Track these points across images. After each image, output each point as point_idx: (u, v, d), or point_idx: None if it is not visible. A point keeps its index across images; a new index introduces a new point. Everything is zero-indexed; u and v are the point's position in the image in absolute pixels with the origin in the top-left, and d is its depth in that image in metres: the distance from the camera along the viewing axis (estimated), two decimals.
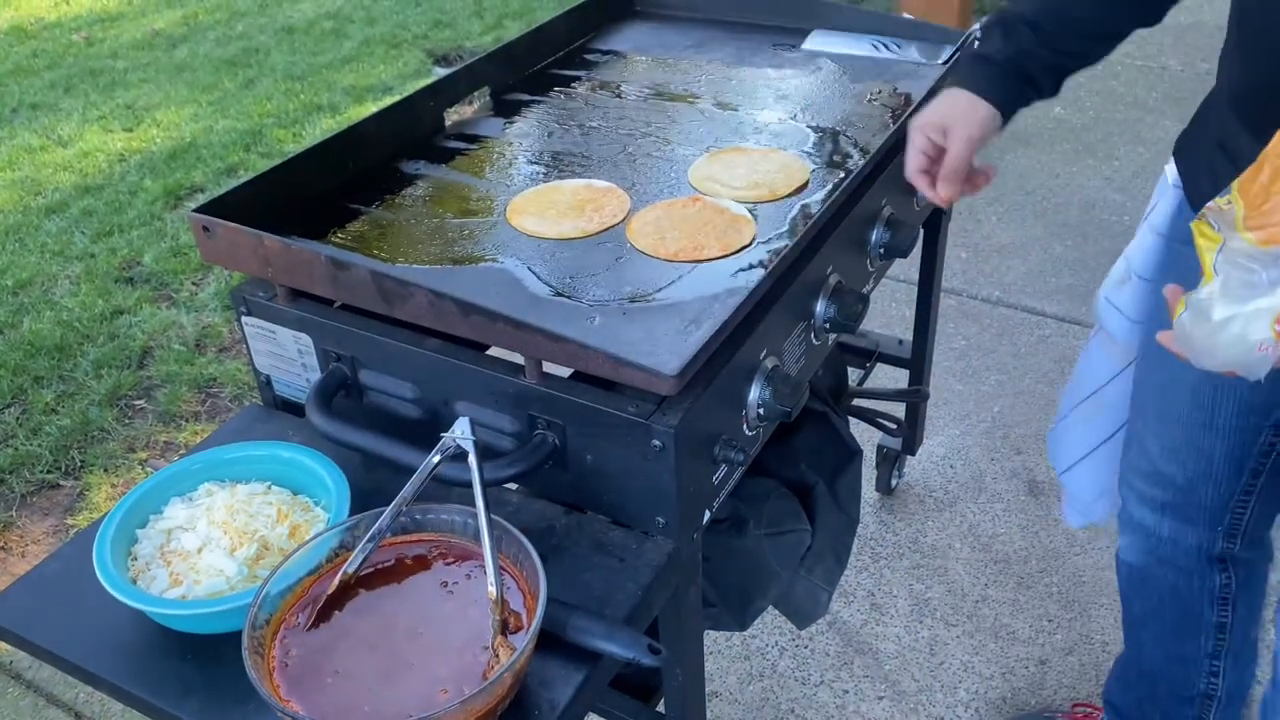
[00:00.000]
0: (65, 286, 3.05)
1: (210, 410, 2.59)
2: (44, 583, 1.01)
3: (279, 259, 1.08)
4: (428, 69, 4.49)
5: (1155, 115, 3.71)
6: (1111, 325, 1.29)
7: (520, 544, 0.88)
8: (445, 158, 1.39)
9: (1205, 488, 1.24)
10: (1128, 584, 1.40)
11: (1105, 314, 1.30)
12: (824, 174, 1.29)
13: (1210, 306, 0.79)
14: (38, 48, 4.95)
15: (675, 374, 0.92)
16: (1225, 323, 0.78)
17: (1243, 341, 0.78)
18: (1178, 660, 1.37)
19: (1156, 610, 1.37)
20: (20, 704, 1.88)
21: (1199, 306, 0.80)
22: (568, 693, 0.87)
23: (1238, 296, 0.77)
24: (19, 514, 2.30)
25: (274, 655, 0.84)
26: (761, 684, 1.84)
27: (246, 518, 0.98)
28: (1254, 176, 0.79)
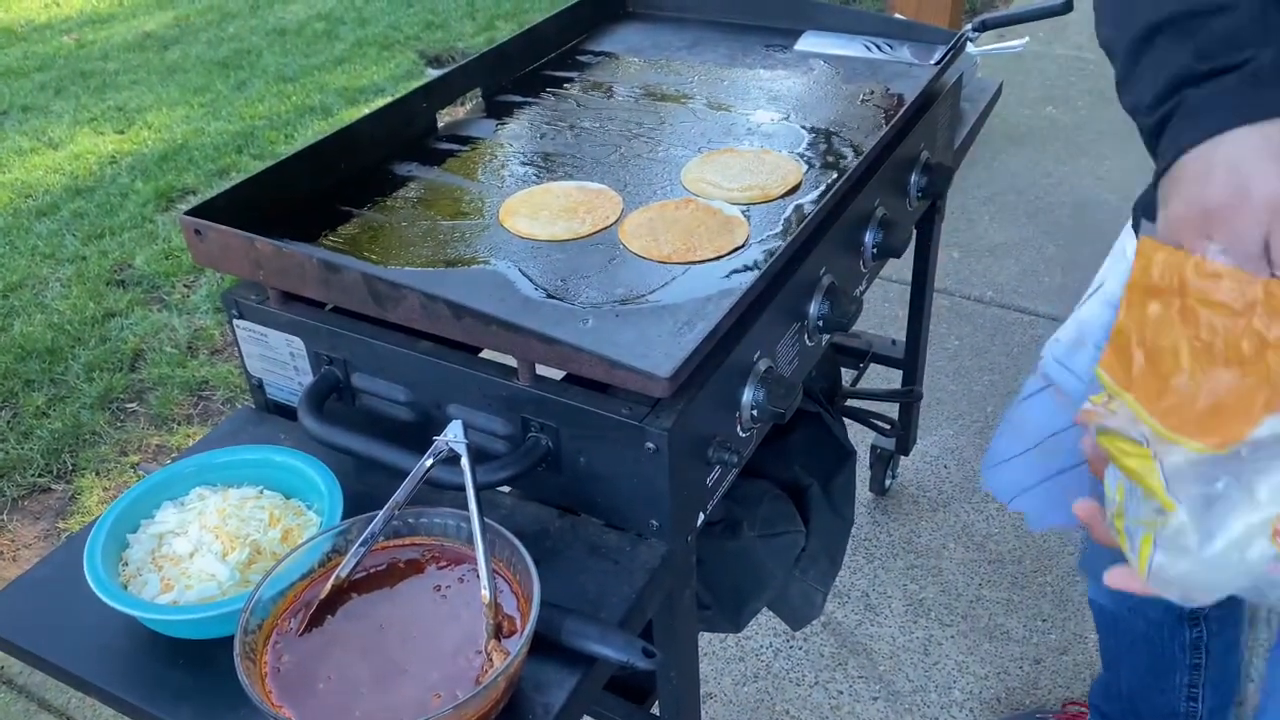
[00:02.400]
0: (56, 289, 3.04)
1: (202, 413, 2.59)
2: (35, 588, 1.01)
3: (270, 262, 1.07)
4: (420, 70, 4.48)
5: None
6: (1067, 386, 1.18)
7: (514, 547, 0.87)
8: (437, 159, 1.38)
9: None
10: (1100, 621, 1.38)
11: (1058, 375, 1.19)
12: (817, 175, 1.29)
13: (1185, 541, 0.62)
14: (28, 50, 4.93)
15: (669, 376, 0.92)
16: (1213, 555, 0.62)
17: (1243, 566, 0.62)
18: (1155, 689, 1.36)
19: (1130, 649, 1.35)
20: (12, 709, 1.87)
21: (1172, 544, 0.63)
22: (562, 696, 0.87)
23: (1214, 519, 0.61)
24: (10, 517, 2.29)
25: (266, 661, 0.83)
26: (756, 685, 1.84)
27: (238, 522, 0.97)
28: (1122, 361, 0.64)
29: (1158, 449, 0.62)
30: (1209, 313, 0.60)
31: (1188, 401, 0.60)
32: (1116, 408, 0.64)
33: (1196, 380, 0.60)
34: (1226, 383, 0.59)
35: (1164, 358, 0.61)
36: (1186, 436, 0.60)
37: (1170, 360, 0.61)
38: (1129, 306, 0.63)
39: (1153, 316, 0.62)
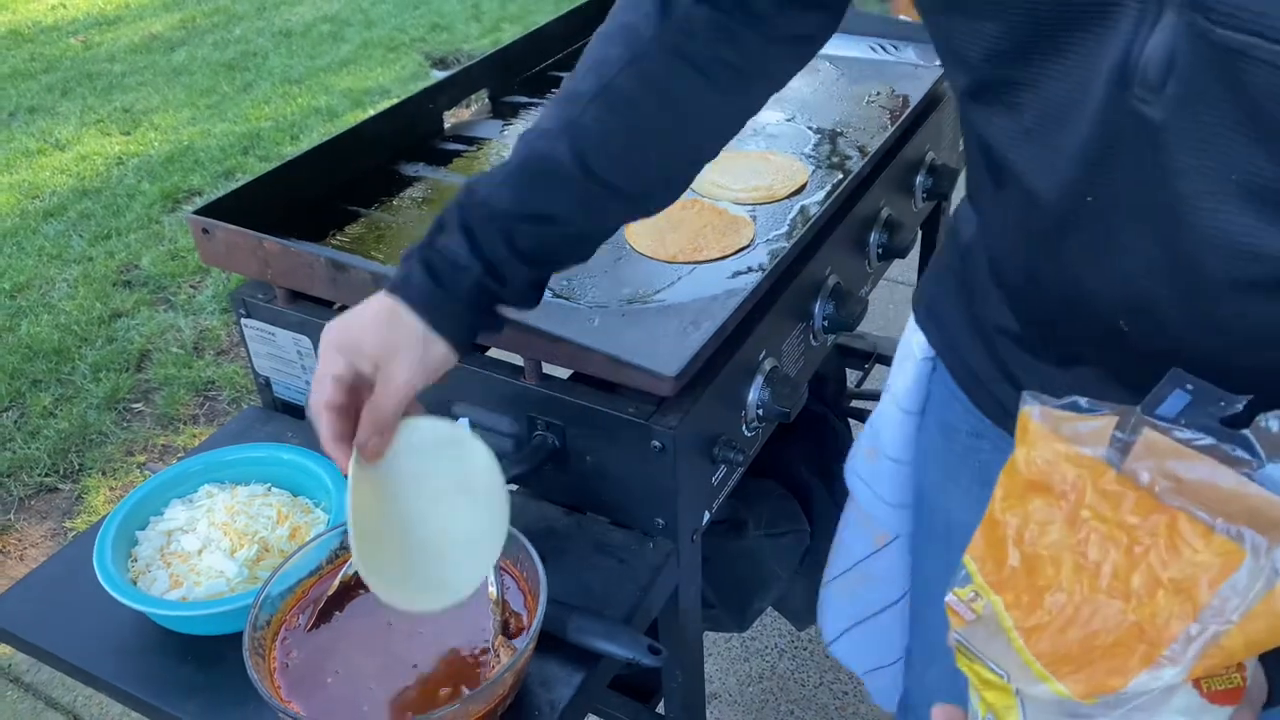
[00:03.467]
0: (63, 290, 3.05)
1: (208, 413, 2.60)
2: (45, 585, 1.01)
3: (278, 261, 1.08)
4: (425, 72, 4.49)
5: None
6: (863, 499, 1.08)
7: (521, 544, 0.88)
8: (444, 160, 1.39)
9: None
10: None
11: (855, 486, 1.09)
12: (823, 175, 1.29)
13: None
14: (35, 51, 4.94)
15: (675, 375, 0.92)
16: None
17: None
18: None
19: None
20: (19, 707, 1.88)
21: None
22: (568, 693, 0.87)
23: None
24: (17, 517, 2.30)
25: (275, 656, 0.84)
26: (761, 685, 1.84)
27: (247, 519, 0.98)
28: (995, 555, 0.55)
29: (1021, 684, 0.53)
30: (1103, 530, 0.51)
31: (1061, 628, 0.51)
32: (982, 609, 0.55)
33: (1074, 604, 0.51)
34: (1107, 618, 0.50)
35: (1042, 566, 0.53)
36: (1054, 676, 0.51)
37: (1049, 571, 0.52)
38: (1006, 496, 0.54)
39: (1035, 515, 0.53)
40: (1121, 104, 0.58)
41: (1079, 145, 0.61)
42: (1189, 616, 0.48)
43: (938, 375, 0.96)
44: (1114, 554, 0.51)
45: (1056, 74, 0.60)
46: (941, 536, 0.99)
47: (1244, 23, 0.51)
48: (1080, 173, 0.62)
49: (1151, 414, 0.52)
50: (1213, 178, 0.56)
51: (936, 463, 0.98)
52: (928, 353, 0.96)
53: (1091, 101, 0.59)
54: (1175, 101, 0.56)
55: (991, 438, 0.90)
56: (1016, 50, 0.61)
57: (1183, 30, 0.54)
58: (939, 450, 0.97)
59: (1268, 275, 0.58)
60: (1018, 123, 0.65)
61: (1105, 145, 0.60)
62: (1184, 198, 0.58)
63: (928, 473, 1.00)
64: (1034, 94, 0.62)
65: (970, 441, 0.93)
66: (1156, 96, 0.56)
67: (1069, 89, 0.60)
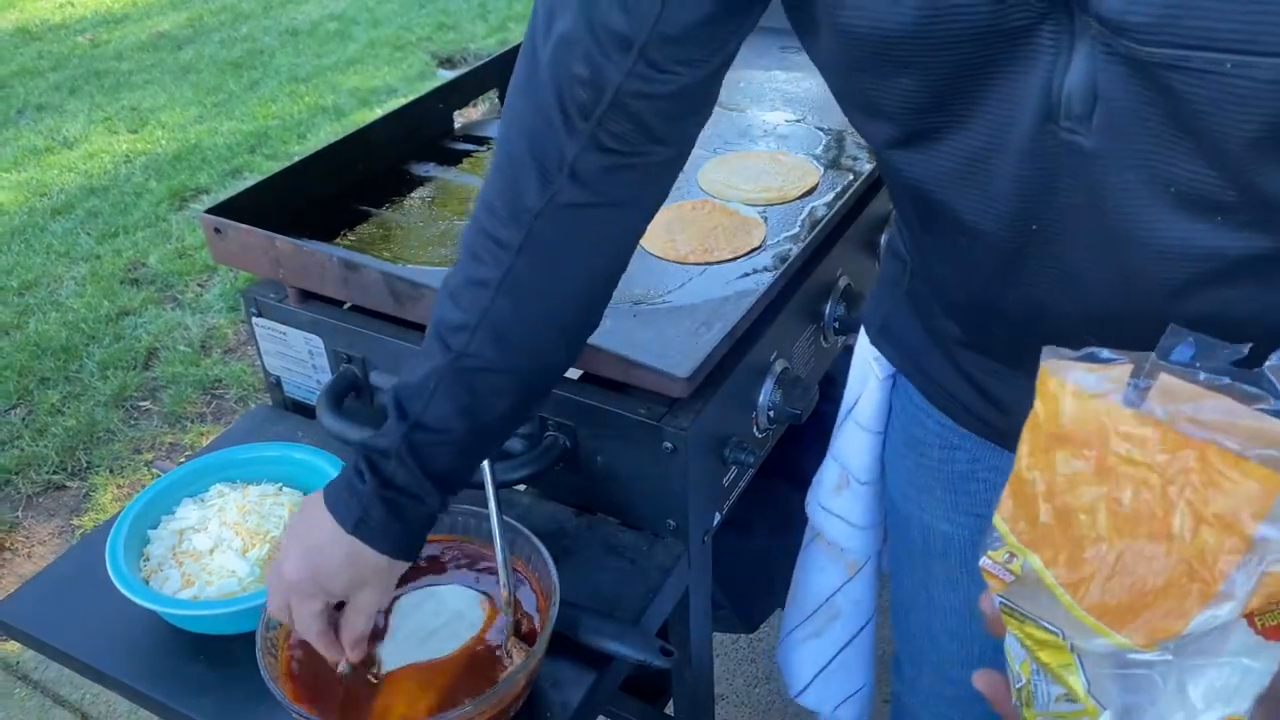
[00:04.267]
0: (71, 288, 3.06)
1: (215, 412, 2.60)
2: (56, 583, 1.01)
3: (290, 260, 1.08)
4: (432, 71, 4.49)
5: None
6: (834, 533, 1.09)
7: (533, 545, 0.88)
8: (454, 160, 1.39)
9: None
10: None
11: (823, 522, 1.10)
12: (834, 176, 1.29)
13: None
14: (43, 49, 4.95)
15: (687, 376, 0.92)
16: None
17: None
18: None
19: None
20: (27, 704, 1.88)
21: None
22: (579, 694, 0.87)
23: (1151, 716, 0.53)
24: (25, 515, 2.30)
25: (287, 656, 0.84)
26: (769, 686, 1.84)
27: (258, 519, 0.98)
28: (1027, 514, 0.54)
29: (1076, 641, 0.52)
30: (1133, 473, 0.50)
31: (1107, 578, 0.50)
32: (1020, 569, 0.53)
33: (1116, 553, 0.50)
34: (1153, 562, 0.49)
35: (1076, 520, 0.51)
36: (1111, 628, 0.50)
37: (1085, 524, 0.51)
38: (1033, 452, 0.53)
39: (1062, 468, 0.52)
40: (1050, 136, 0.58)
41: (1013, 181, 0.61)
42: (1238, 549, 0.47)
43: (898, 392, 0.97)
44: (1148, 496, 0.50)
45: (980, 117, 0.60)
46: (919, 547, 1.00)
47: (1173, 37, 0.51)
48: (1020, 205, 0.62)
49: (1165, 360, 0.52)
50: (1150, 191, 0.57)
51: (905, 476, 0.98)
52: (887, 371, 0.96)
53: (1019, 138, 0.59)
54: (1104, 127, 0.56)
55: (966, 447, 0.91)
56: (936, 101, 0.61)
57: (1099, 56, 0.54)
58: (907, 465, 0.97)
59: (1221, 269, 0.60)
60: (947, 166, 0.64)
61: (1041, 177, 0.60)
62: (1126, 215, 0.59)
63: (898, 487, 1.00)
64: (960, 137, 0.62)
65: (942, 454, 0.93)
66: (1084, 125, 0.57)
67: (995, 129, 0.60)
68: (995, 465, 0.90)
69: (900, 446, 0.98)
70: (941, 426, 0.91)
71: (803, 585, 1.17)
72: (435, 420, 0.77)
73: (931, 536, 0.98)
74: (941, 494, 0.95)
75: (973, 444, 0.90)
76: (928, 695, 1.08)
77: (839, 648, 1.18)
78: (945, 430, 0.91)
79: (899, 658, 1.12)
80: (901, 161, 0.67)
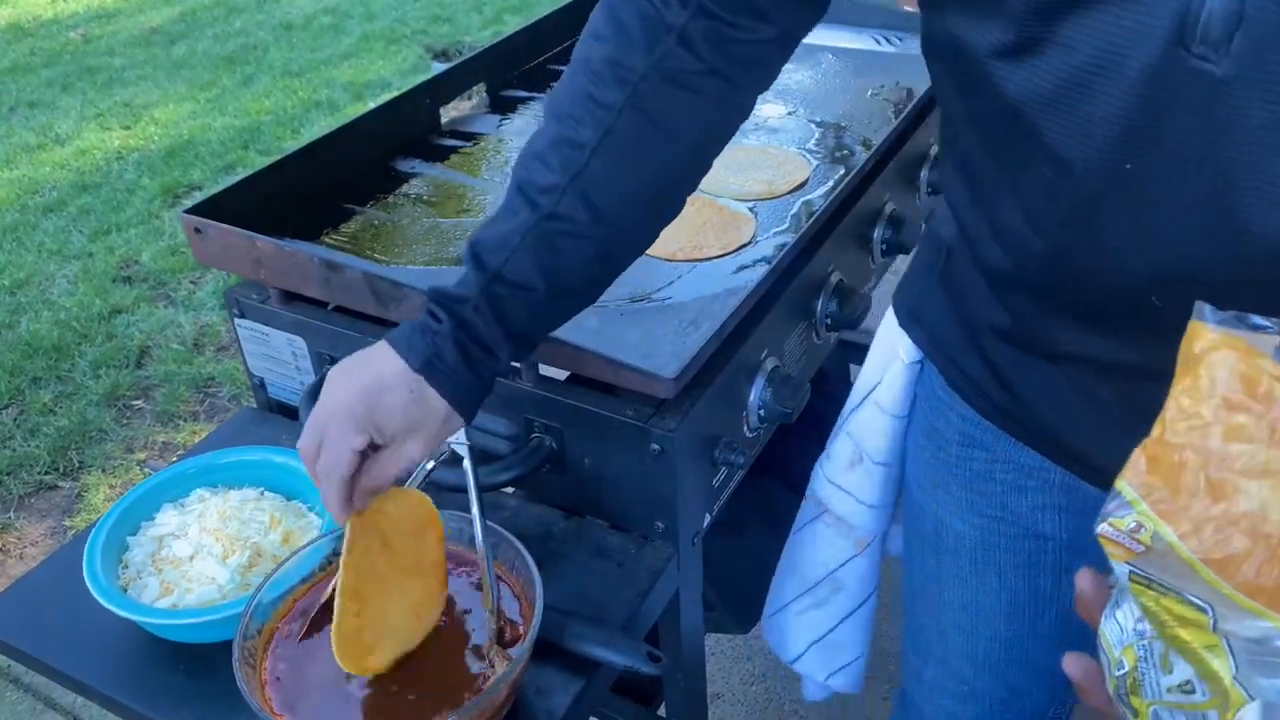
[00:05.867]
0: (63, 286, 3.04)
1: (209, 410, 2.58)
2: (35, 590, 1.00)
3: (271, 261, 1.06)
4: (426, 64, 4.47)
5: None
6: (841, 509, 1.07)
7: (517, 551, 0.86)
8: (440, 156, 1.37)
9: (1033, 693, 1.03)
10: None
11: (831, 497, 1.08)
12: (825, 170, 1.27)
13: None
14: (35, 45, 4.93)
15: (674, 377, 0.90)
16: None
17: None
18: None
19: None
20: (18, 708, 1.87)
21: None
22: (565, 701, 0.85)
23: None
24: (17, 515, 2.29)
25: (266, 666, 0.82)
26: (764, 685, 1.83)
27: (239, 524, 0.96)
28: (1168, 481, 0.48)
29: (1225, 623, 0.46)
30: None
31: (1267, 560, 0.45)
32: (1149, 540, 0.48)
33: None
34: None
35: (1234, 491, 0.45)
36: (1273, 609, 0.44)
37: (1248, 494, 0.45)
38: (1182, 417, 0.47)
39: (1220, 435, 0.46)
40: (1176, 63, 0.54)
41: (1121, 109, 0.58)
42: None
43: (923, 378, 0.95)
44: None
45: (1102, 30, 0.56)
46: (931, 540, 0.98)
47: None
48: (1121, 137, 0.59)
49: None
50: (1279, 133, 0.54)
51: (923, 468, 0.97)
52: (914, 356, 0.95)
53: (1139, 60, 0.55)
54: (1243, 53, 0.52)
55: (986, 443, 0.89)
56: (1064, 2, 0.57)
57: None
58: (926, 457, 0.96)
59: None
60: (1050, 85, 0.60)
61: (1152, 107, 0.57)
62: (1241, 159, 0.55)
63: (915, 477, 0.99)
64: (1074, 53, 0.58)
65: (960, 451, 0.91)
66: (1219, 51, 0.53)
67: (1114, 47, 0.56)
68: (1015, 462, 0.88)
69: (921, 437, 0.97)
70: (963, 420, 0.90)
71: (802, 558, 1.15)
72: (516, 275, 0.76)
73: (944, 531, 0.96)
74: (957, 491, 0.93)
75: (993, 440, 0.88)
76: (931, 688, 1.07)
77: (839, 619, 1.17)
78: (967, 425, 0.89)
79: (905, 647, 1.11)
80: (1000, 74, 0.63)
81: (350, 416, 0.75)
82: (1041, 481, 0.88)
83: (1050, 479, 0.87)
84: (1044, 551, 0.92)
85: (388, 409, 0.75)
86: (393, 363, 0.76)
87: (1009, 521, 0.91)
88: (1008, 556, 0.93)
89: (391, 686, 0.81)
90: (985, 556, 0.94)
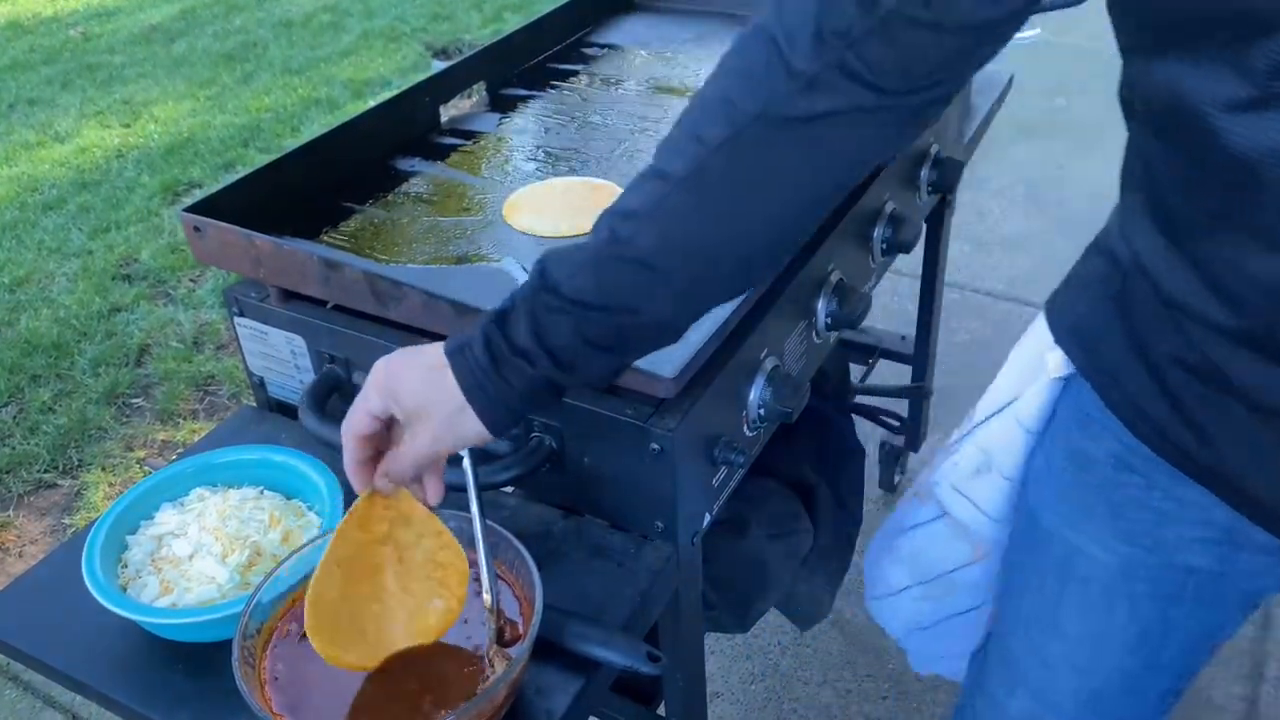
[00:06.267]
0: (62, 284, 3.04)
1: (208, 408, 2.58)
2: (34, 589, 1.00)
3: (270, 259, 1.06)
4: (426, 62, 4.46)
5: None
6: (964, 516, 1.05)
7: (516, 551, 0.86)
8: (440, 154, 1.37)
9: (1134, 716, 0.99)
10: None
11: (953, 503, 1.06)
12: None
13: None
14: (34, 43, 4.92)
15: (673, 376, 0.90)
16: None
17: None
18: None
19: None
20: (17, 706, 1.87)
21: None
22: (565, 701, 0.85)
23: None
24: (16, 513, 2.29)
25: (265, 666, 0.82)
26: (764, 684, 1.83)
27: (238, 523, 0.96)
28: None
29: None
30: None
31: None
32: None
33: None
34: None
35: None
36: None
37: None
38: None
39: None
40: None
41: None
42: None
43: (1067, 397, 0.90)
44: None
45: None
46: (1056, 566, 0.93)
47: None
48: None
49: None
50: None
51: (1058, 491, 0.92)
52: (1064, 371, 0.89)
53: None
54: None
55: (1145, 471, 0.83)
56: None
57: None
58: (1066, 480, 0.91)
59: None
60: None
61: None
62: None
63: (1043, 500, 0.94)
64: None
65: (1112, 475, 0.86)
66: None
67: None
68: (1173, 494, 0.83)
69: (1060, 459, 0.91)
70: (1121, 446, 0.84)
71: (915, 555, 1.14)
72: (570, 291, 0.71)
73: (1075, 558, 0.91)
74: (1102, 516, 0.88)
75: (1151, 468, 0.83)
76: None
77: (950, 615, 1.15)
78: (1125, 451, 0.84)
79: (987, 673, 1.06)
80: (1227, 126, 0.60)
81: (376, 381, 0.76)
82: (1202, 516, 0.83)
83: (1213, 515, 0.82)
84: (1188, 585, 0.87)
85: (408, 382, 0.75)
86: (437, 346, 0.76)
87: (1157, 552, 0.87)
88: (1146, 587, 0.89)
89: (390, 686, 0.81)
90: (1121, 586, 0.90)
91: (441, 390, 0.74)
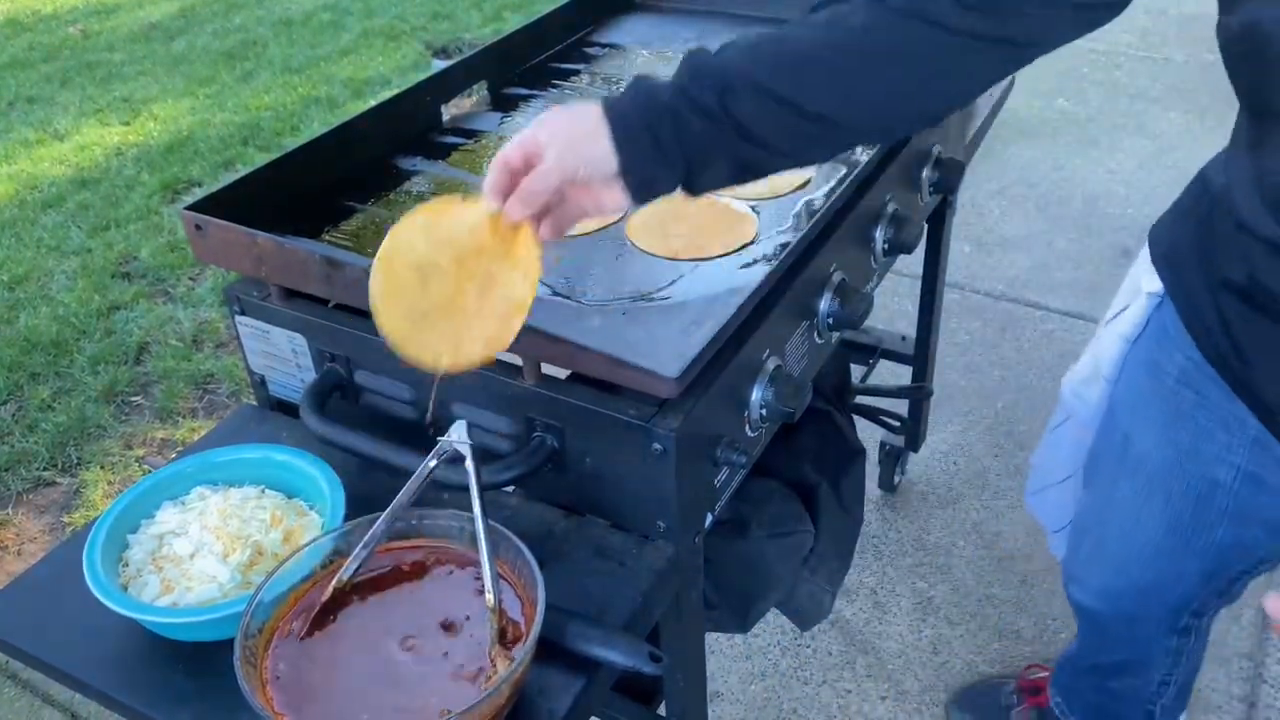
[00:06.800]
0: (62, 282, 3.03)
1: (207, 407, 2.58)
2: (34, 588, 1.00)
3: (272, 258, 1.06)
4: (426, 61, 4.46)
5: (1159, 107, 3.68)
6: (1082, 417, 1.23)
7: (518, 551, 0.86)
8: (442, 153, 1.37)
9: (1172, 590, 1.18)
10: (1082, 619, 1.36)
11: (1076, 406, 1.24)
12: (827, 170, 1.27)
13: None
14: (34, 40, 4.92)
15: (676, 376, 0.90)
16: None
17: None
18: (1128, 675, 1.33)
19: (1110, 646, 1.33)
20: (16, 704, 1.87)
21: None
22: (567, 701, 0.85)
23: None
24: (15, 512, 2.28)
25: (267, 665, 0.82)
26: (763, 684, 1.83)
27: (239, 522, 0.96)
28: None
29: None
30: None
31: None
32: None
33: None
34: None
35: None
36: None
37: None
38: None
39: None
40: None
41: None
42: None
43: (1159, 314, 1.05)
44: None
45: None
46: (1116, 450, 1.13)
47: None
48: None
49: None
50: None
51: (1133, 390, 1.10)
52: (1156, 289, 1.04)
53: None
54: None
55: (1198, 386, 0.99)
56: None
57: None
58: (1139, 383, 1.08)
59: None
60: None
61: None
62: None
63: (1121, 396, 1.12)
64: None
65: (1174, 387, 1.02)
66: None
67: None
68: (1219, 410, 0.98)
69: (1140, 364, 1.08)
70: (1187, 361, 0.99)
71: (1056, 452, 1.33)
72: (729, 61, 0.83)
73: (1130, 447, 1.10)
74: (1158, 418, 1.05)
75: (1206, 385, 0.98)
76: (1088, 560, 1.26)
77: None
78: (1189, 366, 0.99)
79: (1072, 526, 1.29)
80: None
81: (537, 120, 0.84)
82: (1237, 433, 0.98)
83: (1247, 432, 0.97)
84: (1214, 495, 1.04)
85: (560, 115, 0.84)
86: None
87: (1194, 460, 1.04)
88: (1180, 486, 1.06)
89: (393, 685, 0.81)
90: (1161, 482, 1.08)
91: (581, 120, 0.83)
